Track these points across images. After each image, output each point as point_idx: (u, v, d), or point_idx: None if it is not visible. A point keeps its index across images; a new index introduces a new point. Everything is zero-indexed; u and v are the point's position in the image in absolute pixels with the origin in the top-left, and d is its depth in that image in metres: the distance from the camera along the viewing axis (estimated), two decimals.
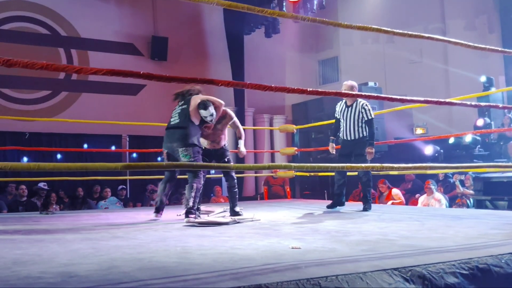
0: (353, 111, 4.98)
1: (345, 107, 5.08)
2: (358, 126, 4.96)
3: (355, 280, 1.72)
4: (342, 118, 5.08)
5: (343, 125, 5.07)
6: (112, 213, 5.63)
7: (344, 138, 5.06)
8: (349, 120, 4.99)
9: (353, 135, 4.98)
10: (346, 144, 5.06)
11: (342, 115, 5.08)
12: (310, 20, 2.35)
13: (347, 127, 5.02)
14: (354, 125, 4.96)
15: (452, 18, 11.91)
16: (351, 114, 4.98)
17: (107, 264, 2.08)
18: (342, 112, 5.09)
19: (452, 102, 2.64)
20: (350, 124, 4.98)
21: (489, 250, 2.20)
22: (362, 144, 4.94)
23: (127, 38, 10.93)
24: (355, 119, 4.96)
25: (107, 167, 1.74)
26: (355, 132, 4.97)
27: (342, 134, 5.10)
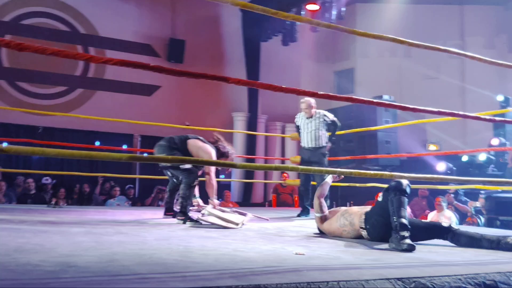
0: (312, 122, 5.41)
1: (305, 119, 5.48)
2: (316, 136, 5.37)
3: (357, 287, 1.68)
4: (302, 128, 5.49)
5: (303, 134, 5.47)
6: (119, 211, 5.65)
7: (305, 146, 5.46)
8: (308, 130, 5.41)
9: (312, 144, 5.38)
10: (305, 152, 5.46)
11: (302, 125, 5.49)
12: (324, 26, 2.34)
13: (306, 136, 5.42)
14: (312, 134, 5.37)
15: (472, 35, 11.81)
16: (310, 124, 5.41)
17: (107, 258, 2.06)
18: (302, 123, 5.49)
19: (466, 115, 2.59)
20: (309, 133, 5.40)
21: (497, 267, 2.14)
22: (320, 153, 5.37)
23: (144, 39, 11.04)
24: (313, 129, 5.38)
25: (111, 157, 1.73)
26: (313, 141, 5.37)
27: (302, 142, 5.51)
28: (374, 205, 3.17)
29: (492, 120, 2.60)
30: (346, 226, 3.20)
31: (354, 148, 9.64)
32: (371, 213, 3.11)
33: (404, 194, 2.90)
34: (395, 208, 2.86)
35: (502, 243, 2.79)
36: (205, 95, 11.32)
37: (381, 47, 12.18)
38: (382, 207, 3.00)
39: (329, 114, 5.52)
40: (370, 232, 3.07)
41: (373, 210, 3.12)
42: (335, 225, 3.28)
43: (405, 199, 2.90)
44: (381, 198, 3.03)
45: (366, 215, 3.12)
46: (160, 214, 4.79)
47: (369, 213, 3.13)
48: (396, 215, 2.83)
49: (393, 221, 2.83)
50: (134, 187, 9.60)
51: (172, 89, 11.09)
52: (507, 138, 8.25)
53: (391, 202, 2.89)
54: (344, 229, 3.22)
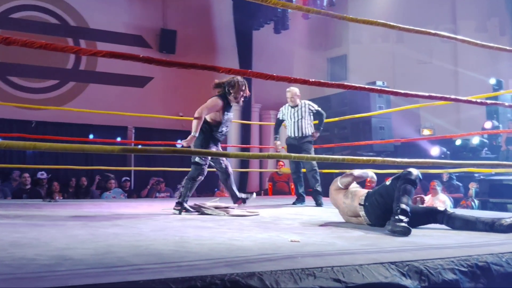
0: (298, 110, 5.42)
1: (290, 108, 5.50)
2: (304, 124, 5.39)
3: (351, 272, 1.70)
4: (287, 119, 5.51)
5: (289, 124, 5.48)
6: (115, 203, 5.65)
7: (291, 136, 5.47)
8: (294, 119, 5.42)
9: (298, 133, 5.40)
10: (291, 142, 5.48)
11: (288, 115, 5.49)
12: (314, 12, 2.33)
13: (292, 125, 5.44)
14: (298, 123, 5.39)
15: (463, 19, 11.80)
16: (296, 114, 5.42)
17: (103, 250, 2.07)
18: (288, 113, 5.50)
19: (457, 99, 2.60)
20: (295, 122, 5.41)
21: (490, 249, 2.17)
22: (306, 141, 5.39)
23: (135, 30, 10.95)
24: (299, 118, 5.40)
25: (103, 150, 1.72)
26: (299, 130, 5.39)
27: (289, 132, 5.51)
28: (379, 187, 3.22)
29: (484, 103, 2.62)
30: (347, 199, 3.27)
31: (348, 135, 9.67)
32: (373, 192, 3.17)
33: (412, 184, 2.93)
34: (400, 194, 2.89)
35: (497, 225, 2.83)
36: (198, 85, 11.25)
37: (373, 33, 12.14)
38: (386, 190, 3.06)
39: (313, 104, 5.55)
40: (367, 210, 3.11)
41: (376, 190, 3.17)
42: (341, 195, 3.34)
43: (412, 188, 2.94)
44: (389, 183, 3.07)
45: (368, 194, 3.18)
46: (156, 205, 4.79)
47: (371, 192, 3.19)
48: (399, 201, 2.86)
49: (394, 205, 2.86)
50: (130, 180, 9.59)
51: (165, 80, 11.03)
52: (500, 121, 8.29)
53: (398, 189, 2.93)
54: (345, 201, 3.29)
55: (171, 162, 9.71)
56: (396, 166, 4.59)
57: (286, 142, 5.65)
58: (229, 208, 4.17)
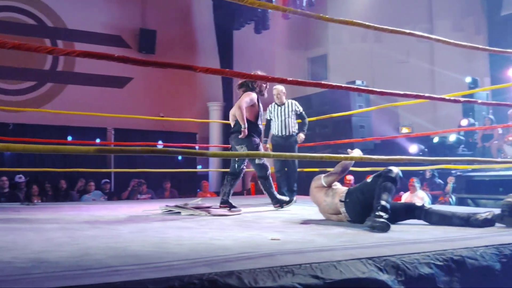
0: (284, 109, 5.48)
1: (276, 106, 5.55)
2: (288, 123, 5.45)
3: (329, 268, 1.72)
4: (274, 117, 5.54)
5: (276, 123, 5.51)
6: (94, 206, 5.58)
7: (277, 134, 5.51)
8: (281, 117, 5.47)
9: (284, 132, 5.45)
10: (278, 140, 5.52)
11: (275, 114, 5.53)
12: (291, 12, 2.34)
13: (279, 124, 5.47)
14: (285, 122, 5.44)
15: (440, 18, 12.01)
16: (282, 112, 5.48)
17: (80, 252, 2.05)
18: (275, 112, 5.54)
19: (432, 97, 2.65)
20: (281, 121, 5.46)
21: (464, 243, 2.21)
22: (292, 140, 5.46)
23: (114, 30, 10.84)
24: (285, 117, 5.45)
25: (79, 151, 1.71)
26: (286, 128, 5.45)
27: (274, 131, 5.54)
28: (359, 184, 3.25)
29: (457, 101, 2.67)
30: (328, 197, 3.29)
31: (330, 134, 9.75)
32: (354, 189, 3.22)
33: (393, 182, 2.98)
34: (381, 192, 2.94)
35: (472, 219, 2.89)
36: (179, 85, 11.22)
37: (352, 33, 12.26)
38: (367, 187, 3.10)
39: (298, 105, 5.60)
40: (348, 206, 3.14)
41: (357, 187, 3.22)
42: (322, 193, 3.35)
43: (393, 186, 2.98)
44: (370, 180, 3.11)
45: (349, 191, 3.22)
46: (137, 207, 4.75)
47: (352, 189, 3.23)
48: (379, 198, 2.90)
49: (375, 202, 2.90)
50: (110, 182, 9.49)
51: (145, 81, 10.95)
52: (476, 119, 8.47)
53: (378, 186, 2.97)
54: (325, 199, 3.30)
55: (153, 163, 9.66)
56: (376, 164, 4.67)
57: (271, 140, 5.67)
58: (211, 208, 4.17)
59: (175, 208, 4.13)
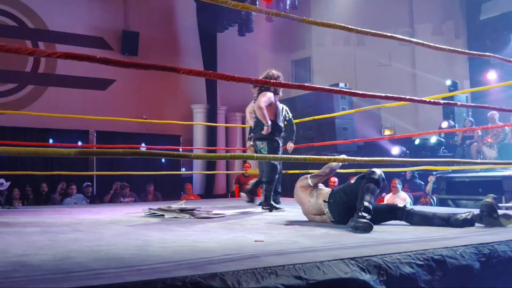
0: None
1: None
2: None
3: (312, 269, 1.73)
4: None
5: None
6: (76, 209, 5.52)
7: None
8: None
9: None
10: None
11: None
12: (274, 15, 2.36)
13: None
14: None
15: (420, 22, 12.20)
16: None
17: (62, 255, 2.03)
18: None
19: (413, 99, 2.70)
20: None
21: (445, 242, 2.25)
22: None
23: (96, 31, 10.74)
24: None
25: (60, 153, 1.69)
26: None
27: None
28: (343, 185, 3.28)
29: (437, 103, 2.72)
30: (312, 198, 3.31)
31: (313, 136, 9.81)
32: (337, 190, 3.25)
33: (376, 183, 3.02)
34: (364, 193, 2.97)
35: (452, 219, 2.94)
36: (162, 87, 11.16)
37: (335, 36, 12.38)
38: (350, 188, 3.13)
39: (289, 111, 5.60)
40: (331, 207, 3.17)
41: (341, 188, 3.26)
42: (306, 194, 3.37)
43: (376, 187, 3.02)
44: (354, 181, 3.15)
45: (332, 191, 3.25)
46: (120, 210, 4.71)
47: (336, 190, 3.26)
48: (362, 199, 2.94)
49: (358, 203, 2.94)
50: (92, 185, 9.38)
51: (128, 83, 10.87)
52: (456, 121, 8.62)
53: (361, 188, 3.01)
54: (309, 200, 3.33)
55: (136, 166, 9.59)
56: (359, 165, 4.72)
57: None
58: (195, 211, 4.15)
59: (158, 211, 4.10)
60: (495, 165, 5.59)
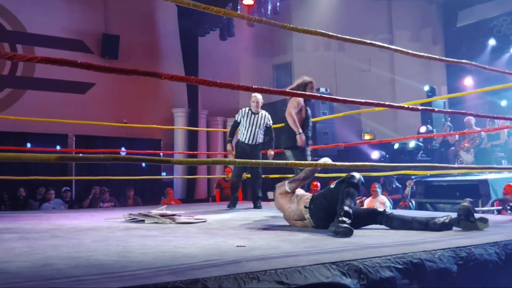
0: (258, 118, 5.49)
1: (250, 113, 5.53)
2: (259, 133, 5.51)
3: (294, 274, 1.74)
4: (245, 124, 5.50)
5: (246, 129, 5.49)
6: (54, 214, 5.42)
7: (245, 141, 5.50)
8: (253, 126, 5.47)
9: (252, 140, 5.47)
10: (244, 147, 5.51)
11: (247, 120, 5.50)
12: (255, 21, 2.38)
13: (249, 132, 5.47)
14: (255, 131, 5.47)
15: (399, 29, 12.42)
16: (255, 121, 5.47)
17: (41, 262, 1.99)
18: (247, 117, 5.51)
19: (391, 105, 2.75)
20: (252, 130, 5.46)
21: (424, 246, 2.29)
22: (258, 149, 5.54)
23: (76, 34, 10.60)
24: (257, 126, 5.47)
25: (39, 158, 1.66)
26: (255, 138, 5.48)
27: (243, 137, 5.53)
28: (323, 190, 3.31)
29: (416, 109, 2.78)
30: (293, 204, 3.33)
31: None
32: (318, 195, 3.27)
33: (355, 187, 3.05)
34: (344, 197, 3.00)
35: (430, 223, 2.99)
36: (143, 91, 11.07)
37: (316, 41, 12.49)
38: (331, 193, 3.16)
39: (270, 118, 5.66)
40: (312, 213, 3.19)
41: (321, 193, 3.28)
42: (286, 200, 3.39)
43: (355, 192, 3.05)
44: (333, 186, 3.17)
45: (313, 197, 3.28)
46: (99, 215, 4.65)
47: (316, 195, 3.29)
48: (342, 203, 2.97)
49: (338, 208, 2.96)
50: (71, 190, 9.24)
51: (108, 86, 10.75)
52: (434, 126, 8.78)
53: (341, 192, 3.04)
54: (290, 206, 3.34)
55: (116, 171, 9.46)
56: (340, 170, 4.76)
57: (237, 145, 5.65)
58: (175, 216, 4.13)
59: (138, 216, 4.06)
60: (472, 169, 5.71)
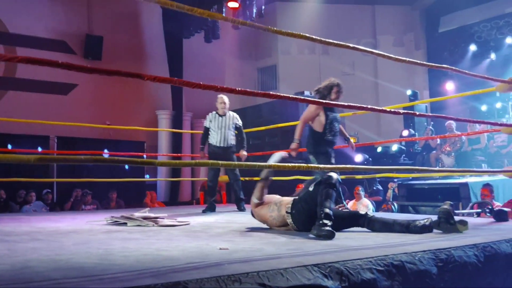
0: (225, 120, 5.51)
1: (218, 116, 5.56)
2: (230, 135, 5.52)
3: (276, 276, 1.75)
4: (214, 127, 5.53)
5: (217, 133, 5.51)
6: (35, 217, 5.34)
7: (216, 144, 5.51)
8: (221, 128, 5.49)
9: (223, 143, 5.48)
10: (215, 150, 5.51)
11: (215, 124, 5.53)
12: (239, 23, 2.38)
13: (219, 135, 5.49)
14: (225, 133, 5.48)
15: (382, 34, 12.58)
16: (224, 123, 5.50)
17: (20, 265, 1.97)
18: (216, 122, 5.54)
19: (374, 108, 2.78)
20: (223, 132, 5.48)
21: (404, 248, 2.31)
22: (230, 151, 5.53)
23: (59, 35, 10.48)
24: (226, 128, 5.49)
25: (19, 160, 1.64)
26: (225, 140, 5.49)
27: (214, 141, 5.53)
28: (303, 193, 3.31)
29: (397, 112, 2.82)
30: (273, 212, 3.32)
31: (279, 143, 9.88)
32: (298, 200, 3.27)
33: (333, 188, 3.06)
34: (323, 199, 3.01)
35: (411, 226, 3.03)
36: (126, 93, 10.99)
37: (301, 45, 12.57)
38: (310, 196, 3.16)
39: (239, 118, 5.66)
40: (294, 217, 3.20)
41: (301, 197, 3.28)
42: (265, 210, 3.38)
43: (333, 192, 3.07)
44: (312, 188, 3.18)
45: (294, 201, 3.27)
46: (81, 218, 4.59)
47: (296, 200, 3.28)
48: (322, 205, 2.98)
49: (318, 210, 2.97)
50: (52, 192, 9.10)
51: (91, 87, 10.64)
52: (416, 129, 8.90)
53: (320, 194, 3.04)
54: (271, 215, 3.34)
55: (98, 173, 9.35)
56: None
57: (209, 149, 5.65)
58: (158, 219, 4.10)
59: (121, 219, 4.03)
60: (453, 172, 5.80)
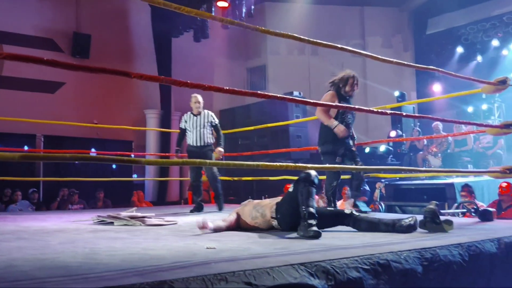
0: (200, 119, 5.50)
1: (192, 116, 5.57)
2: (206, 133, 5.49)
3: (262, 275, 1.75)
4: (190, 127, 5.53)
5: (192, 133, 5.51)
6: (21, 216, 5.28)
7: (193, 144, 5.50)
8: (198, 127, 5.48)
9: (200, 142, 5.47)
10: (193, 150, 5.51)
11: (190, 124, 5.53)
12: (227, 23, 2.38)
13: (195, 134, 5.48)
14: (200, 132, 5.47)
15: (371, 35, 12.66)
16: (199, 122, 5.49)
17: (4, 264, 1.95)
18: (190, 121, 5.54)
19: (361, 109, 2.80)
20: (198, 131, 5.47)
21: (390, 247, 2.33)
22: (207, 150, 5.50)
23: (46, 33, 10.37)
24: (201, 127, 5.47)
25: (3, 157, 1.62)
26: (202, 139, 5.47)
27: (190, 141, 5.53)
28: (284, 195, 3.30)
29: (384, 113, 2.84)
30: (257, 218, 3.30)
31: (268, 143, 9.92)
32: (281, 203, 3.25)
33: (312, 185, 3.06)
34: (304, 198, 3.00)
35: (397, 226, 3.05)
36: (114, 91, 10.91)
37: (290, 45, 12.59)
38: (292, 197, 3.14)
39: (214, 116, 5.64)
40: (280, 221, 3.20)
41: (284, 200, 3.25)
42: (248, 218, 3.36)
43: (313, 189, 3.06)
44: (292, 189, 3.16)
45: (277, 205, 3.25)
46: (67, 217, 4.55)
47: (279, 203, 3.26)
48: (304, 205, 2.98)
49: (301, 210, 2.97)
50: (38, 191, 9.01)
51: (78, 86, 10.54)
52: (404, 130, 8.98)
53: (300, 193, 3.04)
54: (256, 221, 3.32)
55: (85, 172, 9.29)
56: None
57: (187, 150, 5.64)
58: (145, 218, 4.08)
59: (108, 218, 4.00)
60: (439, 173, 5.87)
